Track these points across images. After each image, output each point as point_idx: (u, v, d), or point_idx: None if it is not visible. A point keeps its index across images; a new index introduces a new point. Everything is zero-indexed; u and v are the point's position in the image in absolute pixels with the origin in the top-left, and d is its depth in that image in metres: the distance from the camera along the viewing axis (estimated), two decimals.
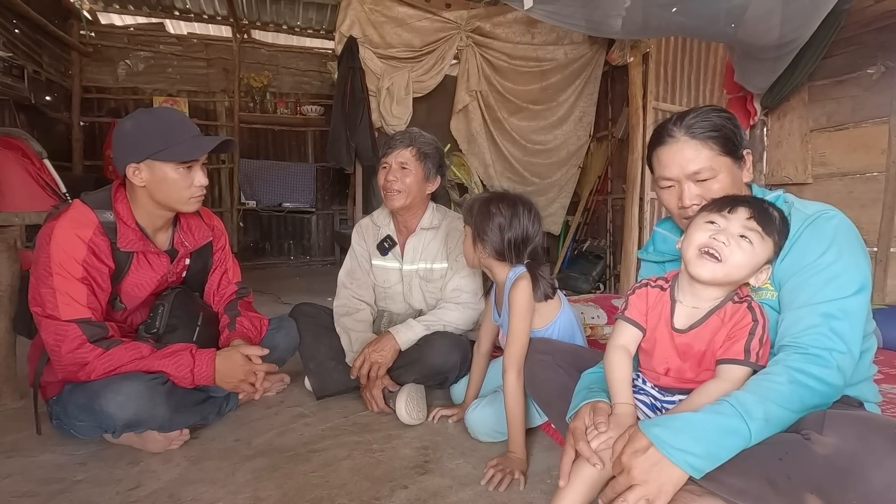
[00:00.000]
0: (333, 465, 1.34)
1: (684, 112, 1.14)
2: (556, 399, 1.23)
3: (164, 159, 1.34)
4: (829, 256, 0.97)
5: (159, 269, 1.47)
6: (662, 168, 1.14)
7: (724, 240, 0.94)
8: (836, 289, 0.95)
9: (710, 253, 0.95)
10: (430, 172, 1.79)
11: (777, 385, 0.89)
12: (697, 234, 0.98)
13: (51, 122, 4.47)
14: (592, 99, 4.56)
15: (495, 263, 1.44)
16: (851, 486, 0.76)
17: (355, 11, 3.64)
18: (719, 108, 1.15)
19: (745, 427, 0.85)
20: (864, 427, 0.80)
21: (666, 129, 1.14)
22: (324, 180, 5.97)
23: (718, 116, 1.11)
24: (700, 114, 1.11)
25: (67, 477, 1.27)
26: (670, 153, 1.12)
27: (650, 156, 1.19)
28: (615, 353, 1.08)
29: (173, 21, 5.47)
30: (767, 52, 2.81)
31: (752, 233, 0.95)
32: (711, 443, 0.85)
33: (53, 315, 1.25)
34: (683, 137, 1.10)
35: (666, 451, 0.85)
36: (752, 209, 0.97)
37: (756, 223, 0.96)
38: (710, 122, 1.09)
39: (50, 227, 1.30)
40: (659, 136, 1.15)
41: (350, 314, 1.83)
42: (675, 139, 1.11)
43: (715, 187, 1.09)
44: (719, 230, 0.96)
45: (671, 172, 1.12)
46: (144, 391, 1.26)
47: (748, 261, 0.95)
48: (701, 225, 0.99)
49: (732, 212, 0.97)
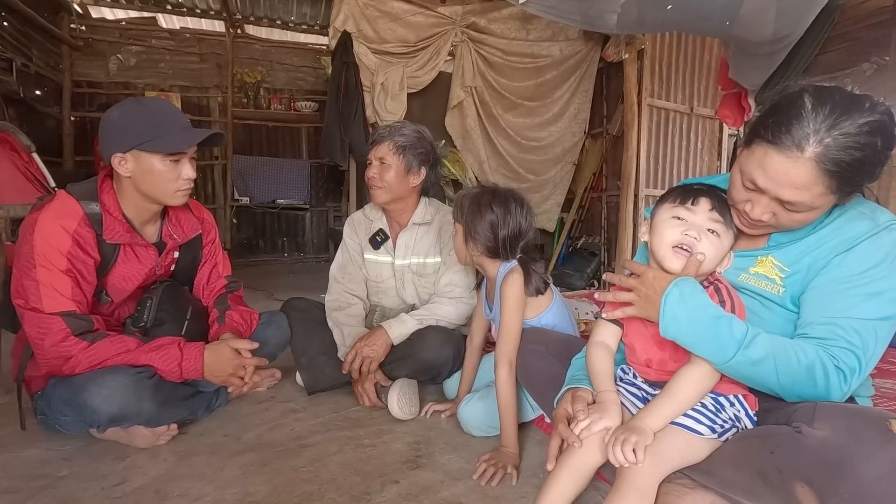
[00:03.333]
0: (324, 459, 1.32)
1: (832, 108, 0.83)
2: (550, 389, 1.22)
3: (151, 150, 1.32)
4: (879, 271, 0.92)
5: (147, 261, 1.45)
6: (757, 169, 0.91)
7: (695, 235, 0.97)
8: (875, 307, 0.91)
9: (684, 248, 0.98)
10: (411, 165, 1.76)
11: (794, 357, 0.89)
12: (667, 232, 1.00)
13: (41, 117, 4.42)
14: (587, 95, 4.55)
15: (487, 260, 1.43)
16: (842, 478, 0.76)
17: (349, 6, 3.62)
18: (878, 115, 0.82)
19: (731, 352, 0.88)
20: (854, 419, 0.80)
21: (801, 134, 0.84)
22: (318, 177, 5.93)
23: (868, 142, 0.82)
24: (847, 136, 0.82)
25: (52, 473, 1.25)
26: (781, 166, 0.87)
27: (753, 135, 0.92)
28: (594, 348, 1.12)
29: (166, 15, 5.41)
30: (762, 48, 2.81)
31: (716, 224, 0.99)
32: (698, 327, 0.91)
33: (37, 308, 1.23)
34: (806, 159, 0.84)
35: (664, 302, 0.93)
36: (712, 200, 1.00)
37: (718, 214, 0.99)
38: (853, 153, 0.82)
39: (34, 217, 1.27)
40: (779, 132, 0.86)
41: (342, 308, 1.82)
42: (795, 154, 0.85)
43: (797, 217, 0.93)
44: (688, 225, 0.98)
45: (762, 183, 0.90)
46: (130, 385, 1.24)
47: (717, 252, 0.98)
48: (668, 221, 1.01)
49: (696, 203, 0.99)
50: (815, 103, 0.84)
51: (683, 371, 0.96)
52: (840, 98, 0.84)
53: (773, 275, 1.01)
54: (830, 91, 0.86)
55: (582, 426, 0.96)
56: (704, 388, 0.95)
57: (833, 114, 0.83)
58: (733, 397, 0.98)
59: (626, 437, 0.89)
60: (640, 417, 0.94)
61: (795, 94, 0.88)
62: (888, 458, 0.73)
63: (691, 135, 4.31)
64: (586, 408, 1.00)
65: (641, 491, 0.88)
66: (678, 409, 0.94)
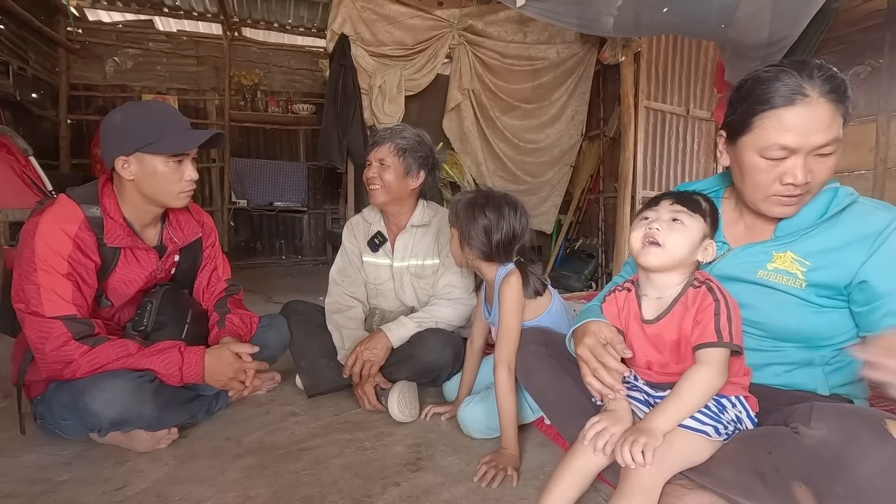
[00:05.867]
0: (324, 462, 1.33)
1: (801, 62, 0.94)
2: (550, 390, 1.23)
3: (155, 152, 1.32)
4: None
5: (147, 265, 1.45)
6: (781, 133, 0.93)
7: (658, 226, 1.02)
8: None
9: (651, 241, 1.02)
10: (410, 168, 1.77)
11: None
12: (636, 231, 1.06)
13: (37, 120, 4.41)
14: (584, 98, 4.57)
15: (483, 264, 1.44)
16: (839, 477, 0.77)
17: (347, 9, 3.63)
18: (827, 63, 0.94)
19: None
20: (850, 420, 0.81)
21: (794, 83, 0.92)
22: (315, 179, 5.93)
23: (840, 72, 0.93)
24: (827, 69, 0.92)
25: (52, 477, 1.24)
26: (801, 116, 0.91)
27: (747, 117, 0.98)
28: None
29: (163, 18, 5.41)
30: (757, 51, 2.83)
31: (680, 213, 1.03)
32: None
33: (37, 312, 1.23)
34: (819, 99, 0.91)
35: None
36: (673, 196, 1.06)
37: (680, 205, 1.04)
38: (841, 79, 0.92)
39: (34, 221, 1.27)
40: (779, 93, 0.93)
41: (342, 311, 1.82)
42: (809, 99, 0.91)
43: (829, 164, 0.95)
44: (652, 220, 1.04)
45: (794, 141, 0.92)
46: (131, 389, 1.24)
47: (685, 238, 1.01)
48: (637, 223, 1.07)
49: (658, 203, 1.07)
50: (775, 66, 0.96)
51: (691, 372, 0.96)
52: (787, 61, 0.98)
53: (795, 269, 1.02)
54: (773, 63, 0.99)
55: (600, 431, 0.96)
56: (713, 389, 0.94)
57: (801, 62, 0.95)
58: (735, 398, 0.99)
59: (636, 439, 0.89)
60: (650, 419, 0.94)
61: (752, 75, 1.00)
62: (884, 456, 0.74)
63: (688, 137, 4.34)
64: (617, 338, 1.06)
65: (646, 493, 0.89)
66: (687, 410, 0.94)
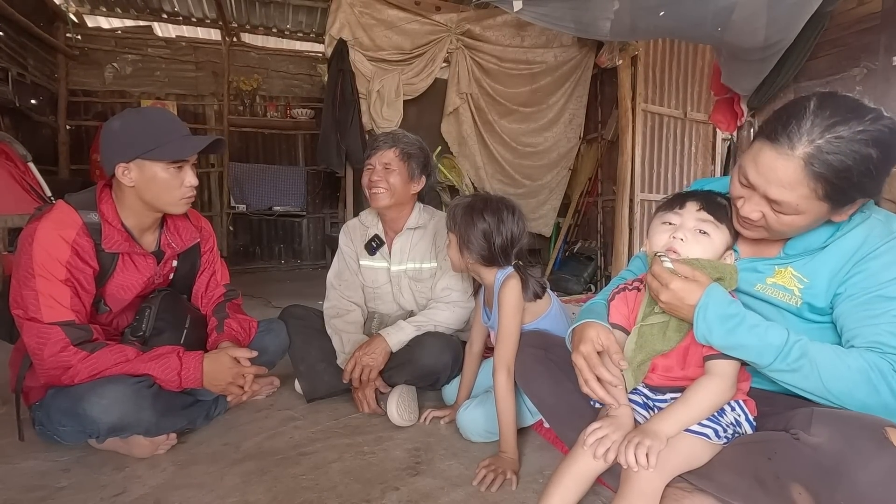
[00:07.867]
0: (324, 467, 1.32)
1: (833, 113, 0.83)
2: (549, 394, 1.23)
3: (155, 159, 1.32)
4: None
5: (145, 270, 1.45)
6: (750, 163, 0.92)
7: (682, 237, 0.98)
8: None
9: (673, 252, 0.98)
10: (414, 172, 1.79)
11: (841, 363, 0.87)
12: (657, 238, 1.02)
13: (36, 126, 4.42)
14: (582, 101, 4.59)
15: (482, 268, 1.44)
16: (839, 484, 0.76)
17: (345, 14, 3.64)
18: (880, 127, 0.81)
19: (769, 359, 0.89)
20: (850, 427, 0.81)
21: (792, 127, 0.85)
22: (314, 184, 5.94)
23: (861, 151, 0.81)
24: (840, 140, 0.82)
25: (50, 484, 1.24)
26: (769, 160, 0.88)
27: (760, 130, 0.94)
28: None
29: (161, 24, 5.44)
30: (753, 54, 2.85)
31: (706, 224, 0.99)
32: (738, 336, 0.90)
33: (36, 318, 1.23)
34: (796, 157, 0.85)
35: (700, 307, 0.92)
36: (699, 201, 1.01)
37: (707, 213, 0.99)
38: (843, 160, 0.82)
39: (32, 227, 1.27)
40: (776, 129, 0.88)
41: (340, 315, 1.82)
42: (786, 151, 0.86)
43: (784, 220, 0.92)
44: (676, 229, 0.99)
45: (753, 178, 0.91)
46: (129, 394, 1.24)
47: (709, 252, 0.98)
48: (659, 227, 1.02)
49: (683, 206, 1.01)
50: (818, 106, 0.85)
51: (703, 382, 0.95)
52: (844, 105, 0.84)
53: (792, 286, 1.01)
54: (837, 98, 0.86)
55: (594, 438, 0.96)
56: (721, 402, 0.95)
57: (832, 118, 0.83)
58: (734, 402, 0.99)
59: (640, 441, 0.89)
60: (655, 422, 0.94)
61: (804, 97, 0.89)
62: (884, 465, 0.74)
63: (685, 139, 4.35)
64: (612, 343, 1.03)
65: (647, 496, 0.88)
66: (694, 418, 0.93)
